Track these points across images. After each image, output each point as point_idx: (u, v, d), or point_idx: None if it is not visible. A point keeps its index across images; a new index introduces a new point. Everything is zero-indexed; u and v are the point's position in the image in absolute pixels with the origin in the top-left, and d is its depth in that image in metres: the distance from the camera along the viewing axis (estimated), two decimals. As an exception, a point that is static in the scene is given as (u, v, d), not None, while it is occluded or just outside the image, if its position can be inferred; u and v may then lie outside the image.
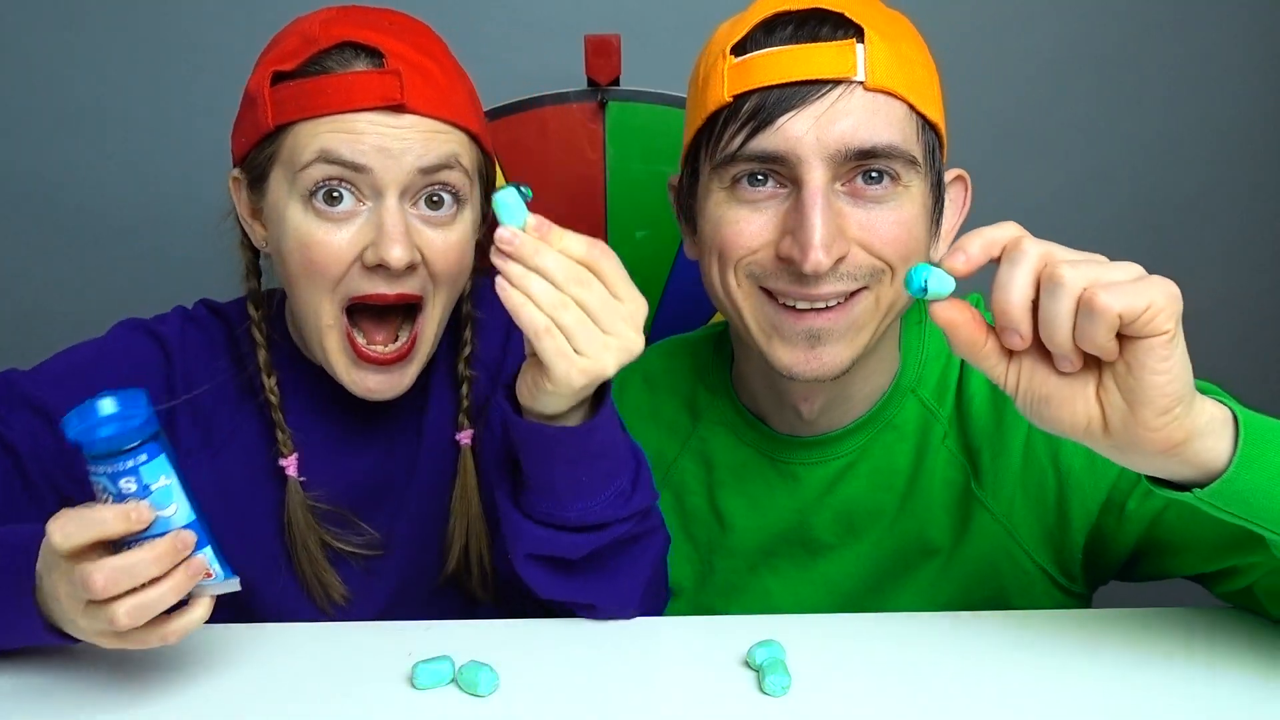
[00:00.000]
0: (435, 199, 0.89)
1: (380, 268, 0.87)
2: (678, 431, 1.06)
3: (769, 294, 0.89)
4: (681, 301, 1.53)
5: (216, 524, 0.73)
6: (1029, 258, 0.66)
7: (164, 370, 0.98)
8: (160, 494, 0.70)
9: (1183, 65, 1.87)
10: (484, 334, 1.04)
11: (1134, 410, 0.67)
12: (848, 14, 0.86)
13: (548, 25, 1.75)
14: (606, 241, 1.49)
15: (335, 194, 0.87)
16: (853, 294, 0.87)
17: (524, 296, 0.75)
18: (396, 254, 0.86)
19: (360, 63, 0.88)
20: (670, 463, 1.05)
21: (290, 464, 0.97)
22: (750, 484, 1.01)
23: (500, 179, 0.82)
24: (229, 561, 0.74)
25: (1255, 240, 1.96)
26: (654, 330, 1.53)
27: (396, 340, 0.92)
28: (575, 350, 0.76)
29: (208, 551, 0.72)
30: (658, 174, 1.50)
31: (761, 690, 0.76)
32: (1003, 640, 0.83)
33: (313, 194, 0.87)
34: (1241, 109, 1.89)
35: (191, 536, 0.71)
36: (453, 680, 0.78)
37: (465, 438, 1.00)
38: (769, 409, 1.00)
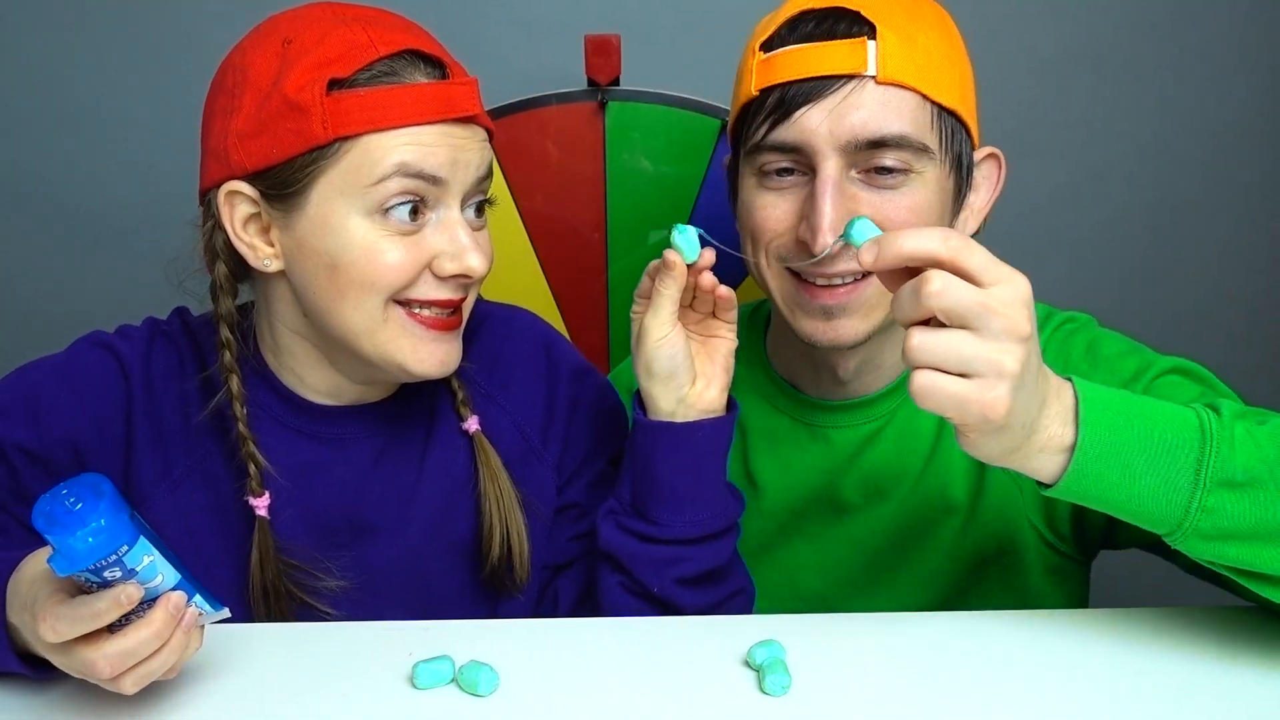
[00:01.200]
0: (479, 207, 0.90)
1: (454, 277, 0.87)
2: None
3: (793, 273, 0.95)
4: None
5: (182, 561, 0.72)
6: (915, 297, 0.69)
7: (121, 391, 0.93)
8: (146, 571, 0.69)
9: (1181, 66, 1.87)
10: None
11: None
12: (864, 12, 0.91)
13: (548, 25, 1.75)
14: (606, 242, 1.51)
15: (416, 210, 0.85)
16: (863, 276, 0.92)
17: None
18: (478, 263, 0.87)
19: (421, 73, 0.86)
20: None
21: (260, 505, 0.91)
22: (783, 447, 1.06)
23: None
24: (213, 592, 0.74)
25: (1253, 240, 1.96)
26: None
27: None
28: None
29: (197, 599, 0.72)
30: (658, 174, 1.50)
31: (761, 690, 0.76)
32: (1003, 639, 0.83)
33: (387, 209, 0.85)
34: (1240, 109, 1.90)
35: (182, 598, 0.71)
36: (453, 680, 0.78)
37: (473, 424, 0.98)
38: (804, 374, 1.05)
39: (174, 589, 0.71)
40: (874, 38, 0.90)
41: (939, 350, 0.68)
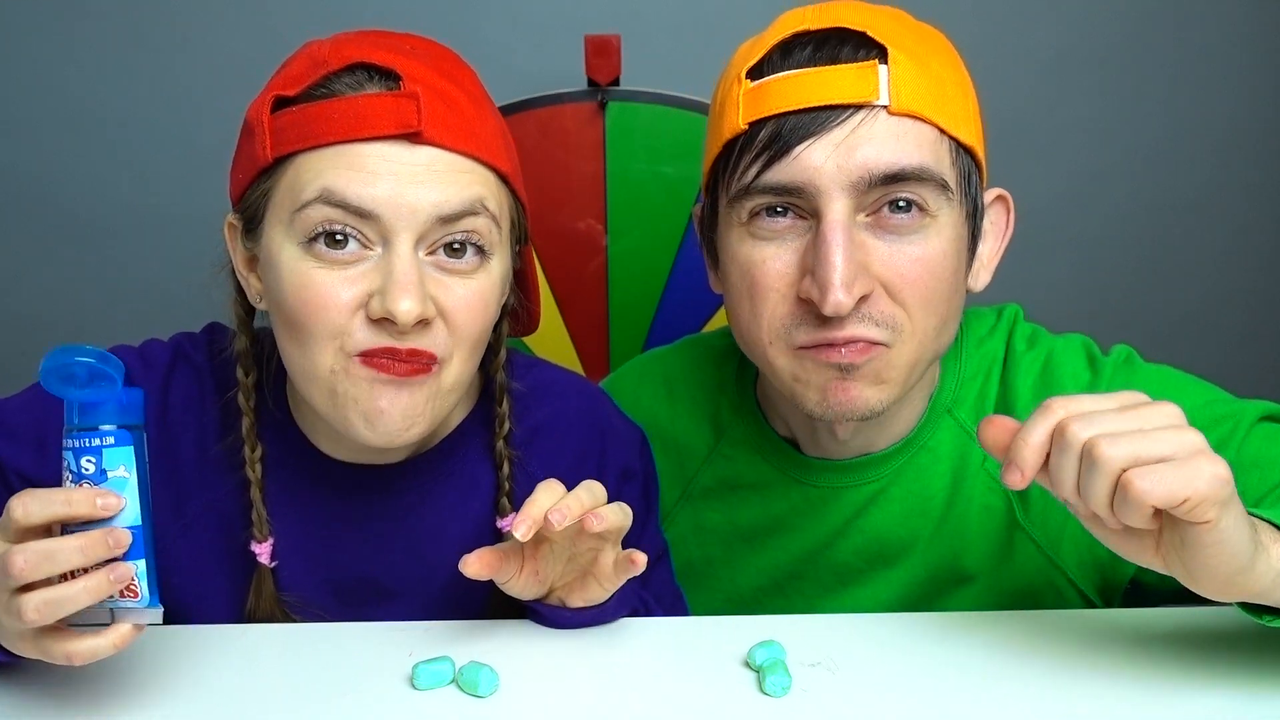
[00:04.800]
0: (456, 246, 0.79)
1: (387, 322, 0.76)
2: (698, 447, 1.02)
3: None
4: (680, 302, 1.53)
5: (183, 610, 0.69)
6: (1073, 448, 0.64)
7: None
8: (114, 484, 0.67)
9: (1184, 66, 1.87)
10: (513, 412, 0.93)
11: (1192, 578, 0.67)
12: (871, 33, 0.81)
13: (548, 25, 1.76)
14: (606, 241, 1.51)
15: (339, 236, 0.76)
16: (872, 345, 0.83)
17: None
18: (405, 306, 0.75)
19: (373, 86, 0.78)
20: (690, 478, 1.02)
21: (263, 550, 0.86)
22: (774, 505, 0.98)
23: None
24: (160, 591, 0.70)
25: (1254, 241, 1.96)
26: (652, 332, 1.53)
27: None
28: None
29: (140, 565, 0.68)
30: (658, 174, 1.50)
31: (761, 690, 0.76)
32: (1004, 640, 0.83)
33: (313, 239, 0.77)
34: (1242, 110, 1.90)
35: (127, 537, 0.66)
36: (453, 680, 0.78)
37: (509, 524, 0.88)
38: (800, 430, 0.97)
39: (129, 529, 0.67)
40: (885, 62, 0.80)
41: (1127, 439, 0.63)
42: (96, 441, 0.67)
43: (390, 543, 0.91)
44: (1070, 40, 1.85)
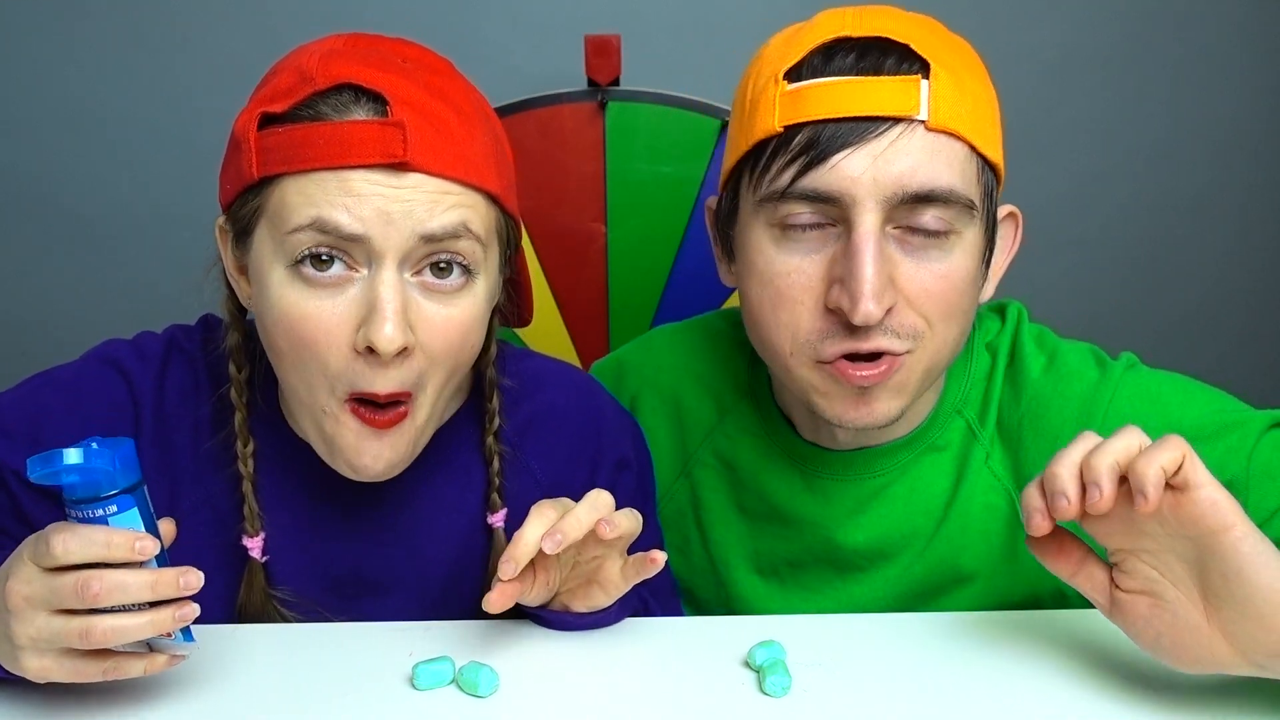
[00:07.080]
0: (442, 265, 0.79)
1: (369, 351, 0.77)
2: (701, 421, 1.03)
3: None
4: (680, 301, 1.53)
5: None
6: (1070, 458, 0.70)
7: (130, 420, 0.88)
8: None
9: (1185, 66, 1.87)
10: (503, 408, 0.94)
11: (1257, 620, 0.67)
12: (914, 45, 0.81)
13: (548, 25, 1.76)
14: (606, 242, 1.51)
15: (324, 258, 0.77)
16: (895, 357, 0.84)
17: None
18: (388, 333, 0.75)
19: (360, 110, 0.77)
20: (690, 453, 1.03)
21: (255, 545, 0.87)
22: (777, 495, 0.98)
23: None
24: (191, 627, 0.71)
25: (1255, 241, 1.96)
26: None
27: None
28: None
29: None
30: (658, 174, 1.50)
31: (761, 690, 0.76)
32: (1004, 640, 0.83)
33: (299, 261, 0.77)
34: (1244, 110, 1.90)
35: (198, 579, 0.68)
36: (453, 680, 0.78)
37: (499, 520, 0.91)
38: (803, 423, 0.97)
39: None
40: (927, 77, 0.80)
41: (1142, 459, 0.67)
42: (100, 512, 0.66)
43: (383, 537, 0.91)
44: (1072, 41, 1.85)
